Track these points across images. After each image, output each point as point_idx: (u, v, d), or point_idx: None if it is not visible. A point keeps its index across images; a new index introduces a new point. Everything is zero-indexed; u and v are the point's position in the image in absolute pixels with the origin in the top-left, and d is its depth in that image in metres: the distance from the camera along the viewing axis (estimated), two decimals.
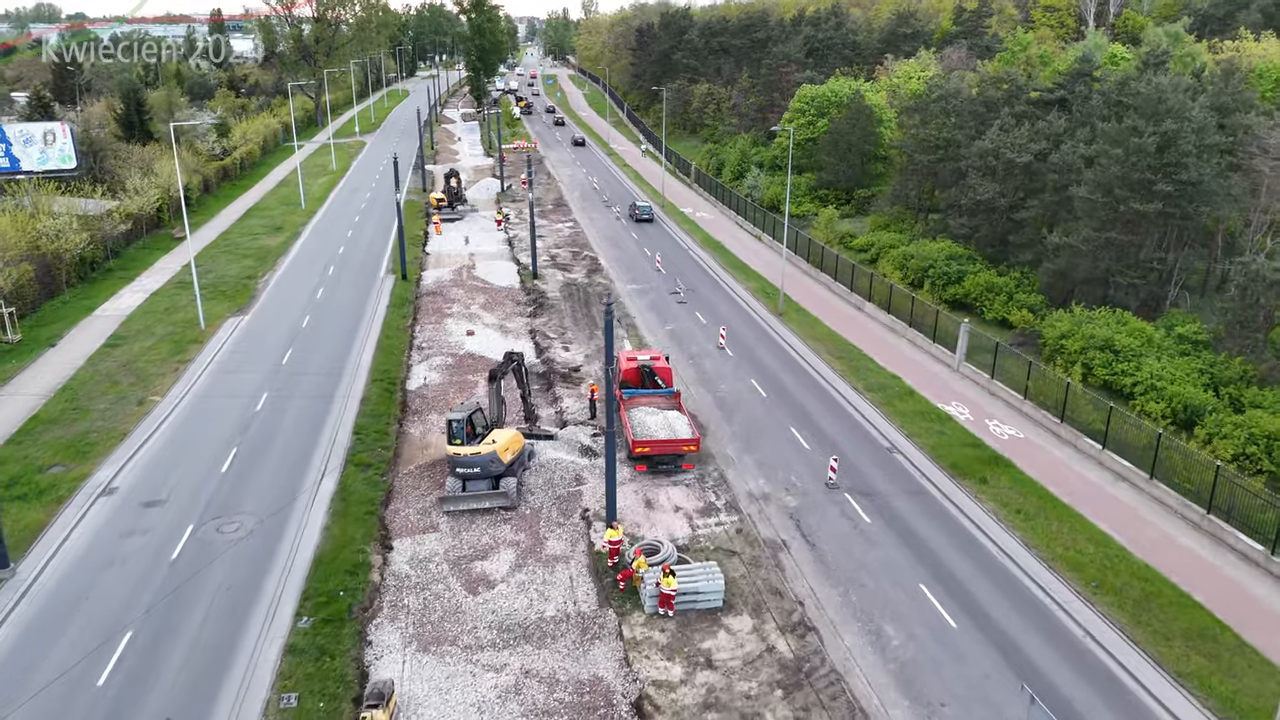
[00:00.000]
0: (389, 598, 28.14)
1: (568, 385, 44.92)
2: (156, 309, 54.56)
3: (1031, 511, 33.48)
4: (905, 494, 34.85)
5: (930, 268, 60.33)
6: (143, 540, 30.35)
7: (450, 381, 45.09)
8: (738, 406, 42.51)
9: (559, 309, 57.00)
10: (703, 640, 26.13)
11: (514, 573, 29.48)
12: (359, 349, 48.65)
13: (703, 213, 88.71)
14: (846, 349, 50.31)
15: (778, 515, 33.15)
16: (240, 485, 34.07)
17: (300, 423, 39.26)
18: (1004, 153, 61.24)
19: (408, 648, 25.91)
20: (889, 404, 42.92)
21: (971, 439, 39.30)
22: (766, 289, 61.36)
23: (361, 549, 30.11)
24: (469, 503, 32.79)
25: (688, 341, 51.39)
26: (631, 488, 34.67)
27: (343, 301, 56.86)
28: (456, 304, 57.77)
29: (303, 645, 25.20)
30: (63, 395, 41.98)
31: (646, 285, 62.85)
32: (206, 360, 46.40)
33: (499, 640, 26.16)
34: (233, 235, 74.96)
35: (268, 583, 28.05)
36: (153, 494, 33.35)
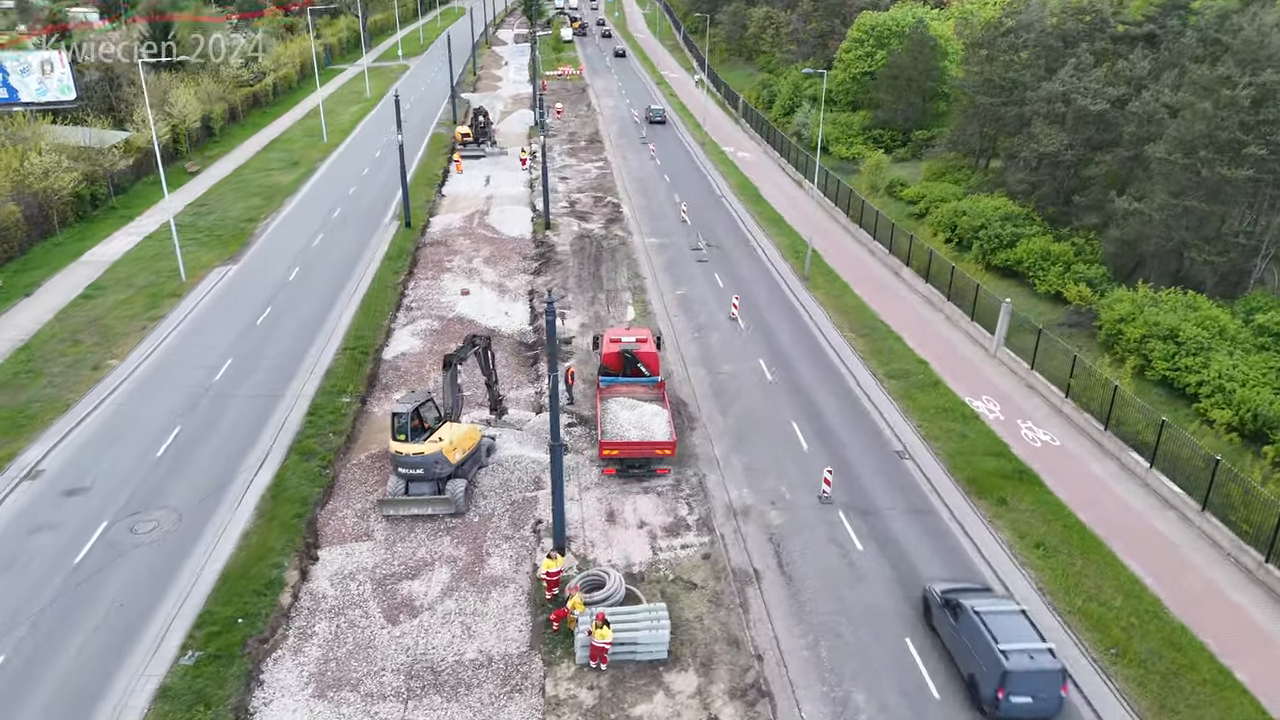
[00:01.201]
0: (299, 623, 25.12)
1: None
2: (145, 255, 52.08)
3: (1054, 545, 28.73)
4: (909, 514, 30.36)
5: (981, 228, 54.10)
6: (50, 538, 27.86)
7: (431, 350, 41.55)
8: (738, 394, 38.11)
9: (566, 266, 52.73)
10: (635, 704, 22.51)
11: (443, 598, 26.16)
12: (340, 309, 45.38)
13: (745, 153, 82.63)
14: (873, 325, 45.15)
15: (756, 536, 29.07)
16: (172, 473, 31.35)
17: (254, 398, 36.30)
18: (1075, 98, 54.08)
19: (304, 690, 22.91)
20: (909, 396, 37.99)
21: (997, 445, 34.33)
22: (798, 247, 56.03)
23: (278, 562, 27.09)
24: (410, 507, 29.48)
25: (698, 310, 46.80)
26: (595, 495, 30.90)
27: (338, 251, 53.55)
28: (459, 256, 53.96)
29: (179, 689, 22.37)
30: (20, 355, 39.78)
31: (667, 239, 58.01)
32: (179, 318, 43.73)
33: (405, 688, 22.96)
34: (247, 171, 72.04)
35: (164, 602, 25.26)
36: (77, 480, 30.85)
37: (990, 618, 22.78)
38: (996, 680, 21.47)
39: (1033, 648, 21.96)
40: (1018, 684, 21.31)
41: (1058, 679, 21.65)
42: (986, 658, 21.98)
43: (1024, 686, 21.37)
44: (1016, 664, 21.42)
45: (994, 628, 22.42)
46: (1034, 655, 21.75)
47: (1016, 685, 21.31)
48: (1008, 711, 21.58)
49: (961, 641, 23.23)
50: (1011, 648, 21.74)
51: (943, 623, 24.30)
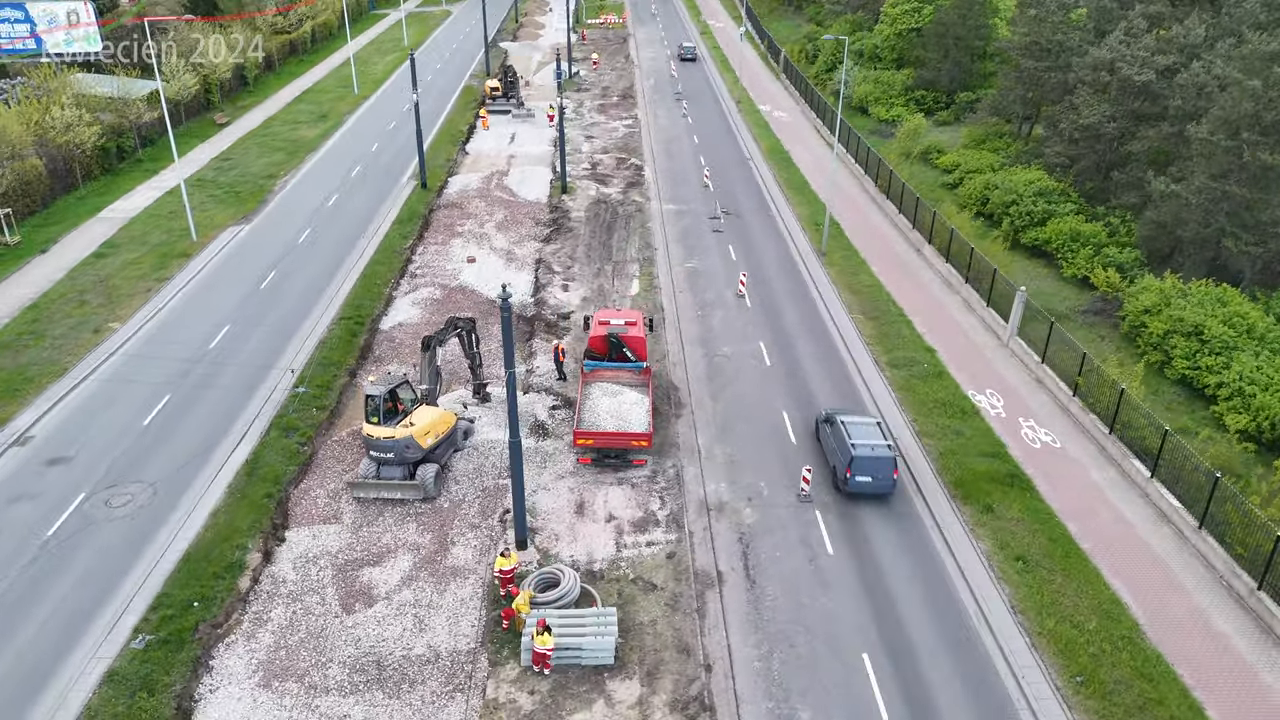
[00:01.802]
0: (256, 608, 25.31)
1: (550, 336, 40.36)
2: (162, 212, 52.48)
3: (1035, 559, 27.57)
4: (889, 516, 29.39)
5: (1013, 203, 51.62)
6: (28, 508, 28.44)
7: (428, 321, 41.24)
8: (732, 379, 37.18)
9: (577, 234, 51.81)
10: (573, 712, 22.25)
11: (401, 588, 26.11)
12: (344, 274, 45.27)
13: (781, 112, 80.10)
14: (884, 307, 43.58)
15: (726, 535, 28.42)
16: (155, 444, 31.71)
17: (245, 368, 36.46)
18: (1121, 66, 50.82)
19: (250, 679, 23.12)
20: (909, 388, 36.66)
21: (994, 445, 32.98)
22: (819, 218, 54.19)
23: (242, 544, 27.28)
24: (380, 491, 29.40)
25: (705, 286, 45.65)
26: (568, 484, 30.47)
27: (351, 213, 53.31)
28: (471, 220, 53.35)
29: (126, 673, 22.72)
30: (27, 315, 40.49)
31: (686, 206, 56.61)
32: (185, 280, 44.05)
33: (350, 681, 23.03)
34: (274, 123, 71.99)
35: (125, 582, 25.64)
36: (63, 448, 31.40)
37: (850, 425, 30.23)
38: (846, 464, 28.94)
39: (875, 443, 29.43)
40: (860, 467, 28.95)
41: (890, 464, 29.09)
42: (843, 450, 29.42)
43: (865, 469, 28.98)
44: (861, 453, 28.95)
45: (851, 431, 29.86)
46: (874, 448, 29.20)
47: (860, 468, 28.96)
48: (855, 488, 29.32)
49: (830, 443, 30.71)
50: (859, 443, 29.25)
51: (823, 432, 31.83)
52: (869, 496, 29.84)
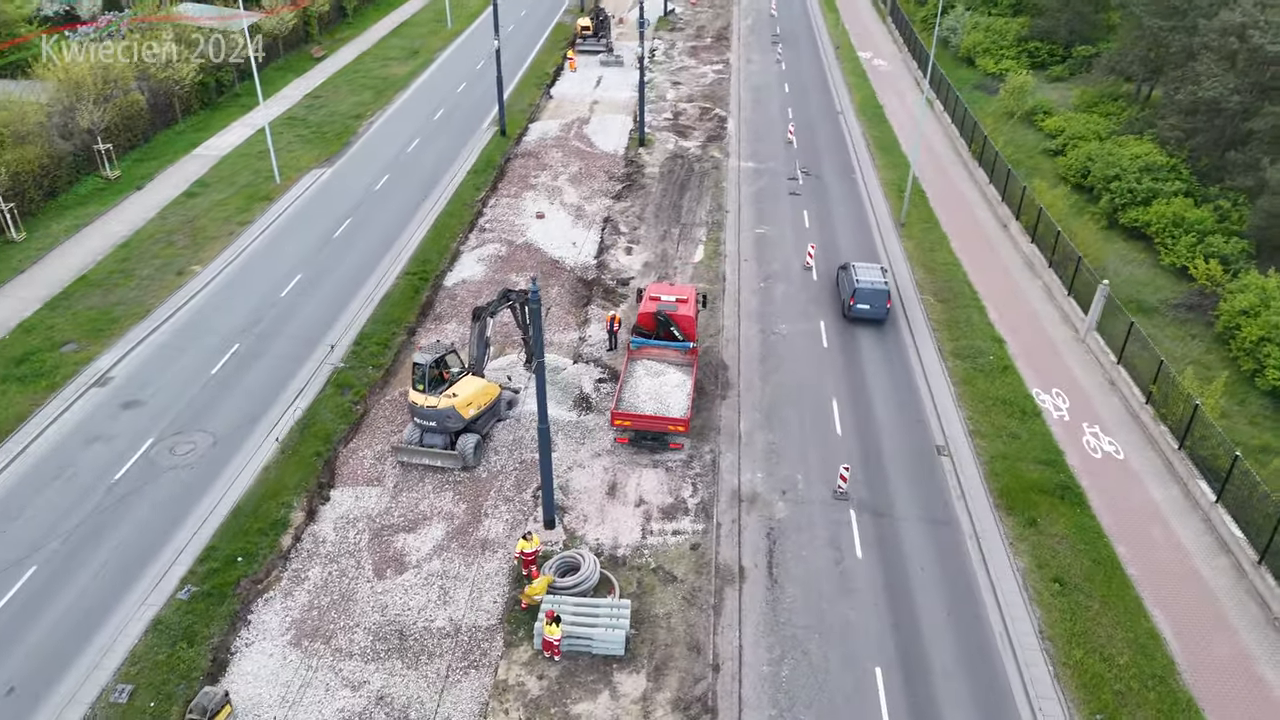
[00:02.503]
0: (295, 565, 26.68)
1: (607, 303, 40.28)
2: (252, 151, 54.02)
3: (1074, 581, 26.57)
4: (925, 523, 28.69)
5: (1115, 178, 48.39)
6: (101, 450, 30.43)
7: (491, 279, 41.68)
8: (785, 359, 36.51)
9: (649, 192, 51.12)
10: (578, 701, 22.86)
11: (432, 557, 27.05)
12: (415, 226, 45.99)
13: (881, 60, 76.43)
14: (958, 289, 41.79)
15: (754, 529, 28.30)
16: (219, 394, 33.31)
17: (310, 322, 37.70)
18: (1253, 34, 46.39)
19: (283, 635, 24.52)
20: (970, 381, 35.31)
21: (1050, 453, 31.61)
22: (904, 184, 51.95)
23: (289, 501, 28.64)
24: (421, 457, 30.27)
25: (772, 255, 44.61)
26: (603, 463, 30.73)
27: (430, 160, 53.81)
28: (546, 172, 53.19)
29: (170, 622, 24.38)
30: (119, 253, 42.63)
31: (765, 164, 55.07)
32: (264, 226, 45.50)
33: (372, 649, 24.16)
34: (366, 59, 72.73)
35: (178, 532, 27.30)
36: (137, 392, 33.30)
37: (858, 267, 39.08)
38: (850, 295, 37.91)
39: (875, 280, 38.17)
40: (861, 296, 37.83)
41: (884, 296, 37.74)
42: (849, 285, 38.30)
43: (865, 299, 37.82)
44: (863, 286, 37.78)
45: (858, 271, 38.68)
46: (874, 284, 37.98)
47: (860, 297, 37.85)
48: (856, 314, 38.25)
49: (843, 282, 39.63)
50: (862, 279, 38.12)
51: (839, 276, 40.73)
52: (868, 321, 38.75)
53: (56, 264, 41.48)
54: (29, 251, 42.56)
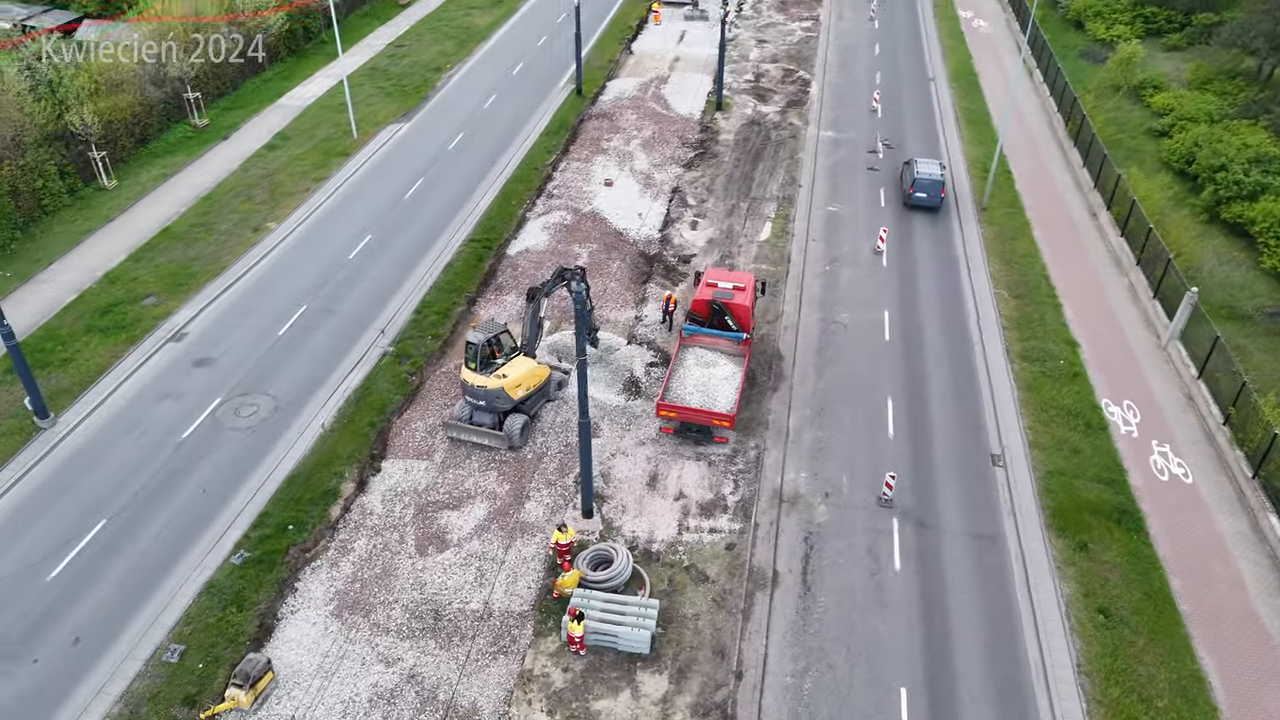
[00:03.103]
0: (343, 536, 27.70)
1: (666, 282, 39.94)
2: (332, 103, 54.73)
3: (1120, 614, 25.72)
4: (970, 538, 28.04)
5: (1220, 169, 45.32)
6: (172, 408, 31.89)
7: (554, 250, 41.73)
8: (844, 351, 35.75)
9: (721, 161, 50.09)
10: (600, 698, 23.35)
11: (473, 537, 27.74)
12: (484, 189, 46.19)
13: (982, 21, 72.59)
14: (1035, 284, 40.04)
15: (792, 532, 28.12)
16: (284, 357, 34.42)
17: (376, 286, 38.45)
18: None
19: (327, 605, 25.62)
20: (1036, 387, 34.02)
21: (1112, 471, 30.39)
22: (990, 163, 49.70)
23: (340, 471, 29.62)
24: (470, 435, 30.85)
25: (841, 236, 43.40)
26: (646, 453, 30.82)
27: (504, 118, 53.70)
28: (619, 136, 52.53)
29: (222, 586, 25.69)
30: (202, 205, 44.03)
31: (845, 134, 53.28)
32: (338, 183, 46.27)
33: (408, 626, 25.06)
34: (450, 7, 72.45)
35: (236, 496, 28.57)
36: (209, 350, 34.64)
37: (919, 162, 45.32)
38: (910, 184, 44.32)
39: (932, 173, 44.30)
40: (919, 186, 44.18)
41: (939, 186, 44.14)
42: (910, 176, 44.55)
43: (923, 188, 44.20)
44: (921, 177, 44.12)
45: (918, 166, 44.88)
46: (931, 175, 44.13)
47: (919, 187, 44.19)
48: (914, 201, 44.56)
49: (906, 174, 45.70)
50: (921, 171, 44.41)
51: (903, 170, 46.69)
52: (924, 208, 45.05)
53: (143, 214, 43.10)
54: (119, 200, 44.30)
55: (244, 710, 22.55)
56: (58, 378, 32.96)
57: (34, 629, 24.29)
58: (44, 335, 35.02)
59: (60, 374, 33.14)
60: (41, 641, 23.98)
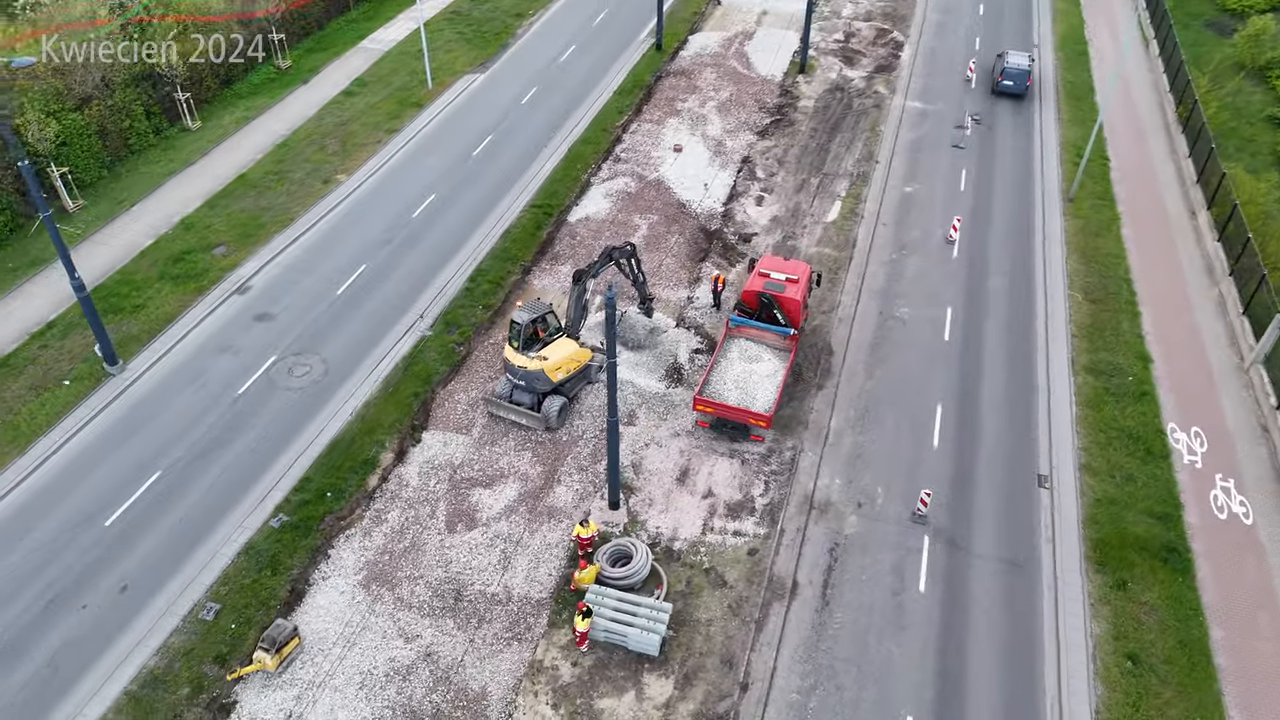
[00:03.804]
0: (378, 506, 28.61)
1: (723, 260, 39.19)
2: (411, 49, 54.72)
3: (1150, 662, 24.82)
4: (1003, 564, 27.28)
5: None
6: (231, 362, 33.14)
7: (614, 220, 41.34)
8: (898, 349, 34.70)
9: (797, 130, 48.42)
10: (603, 696, 23.84)
11: (501, 518, 28.31)
12: (551, 150, 45.84)
13: None
14: (1114, 288, 37.92)
15: (818, 542, 27.83)
16: (340, 317, 35.24)
17: (433, 253, 38.82)
18: None
19: (356, 574, 26.65)
20: (1097, 404, 32.50)
21: (1167, 505, 29.01)
22: (1086, 147, 46.81)
23: (381, 440, 30.44)
24: (509, 413, 31.25)
25: (913, 222, 41.71)
26: (680, 445, 30.72)
27: (580, 73, 52.87)
28: (695, 96, 51.20)
29: (260, 549, 26.92)
30: (278, 152, 44.94)
31: (933, 105, 50.80)
32: (409, 136, 46.52)
33: (430, 604, 25.90)
34: None
35: (281, 458, 29.69)
36: (271, 304, 35.71)
37: (1010, 54, 51.47)
38: (999, 72, 50.67)
39: (1020, 64, 50.41)
40: (1007, 75, 50.40)
41: (1025, 75, 50.16)
42: (1000, 66, 50.95)
43: (1010, 77, 50.42)
44: (1009, 67, 50.34)
45: (1009, 57, 51.16)
46: (1018, 66, 50.24)
47: (1007, 75, 50.44)
48: (1002, 88, 50.80)
49: (995, 66, 52.28)
50: (1010, 62, 50.52)
51: (995, 63, 52.87)
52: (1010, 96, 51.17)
53: (221, 160, 44.26)
54: (201, 142, 45.54)
55: (269, 673, 23.80)
56: (129, 324, 34.53)
57: (87, 574, 26.00)
58: (120, 280, 36.61)
59: (132, 320, 34.69)
60: (92, 587, 25.66)
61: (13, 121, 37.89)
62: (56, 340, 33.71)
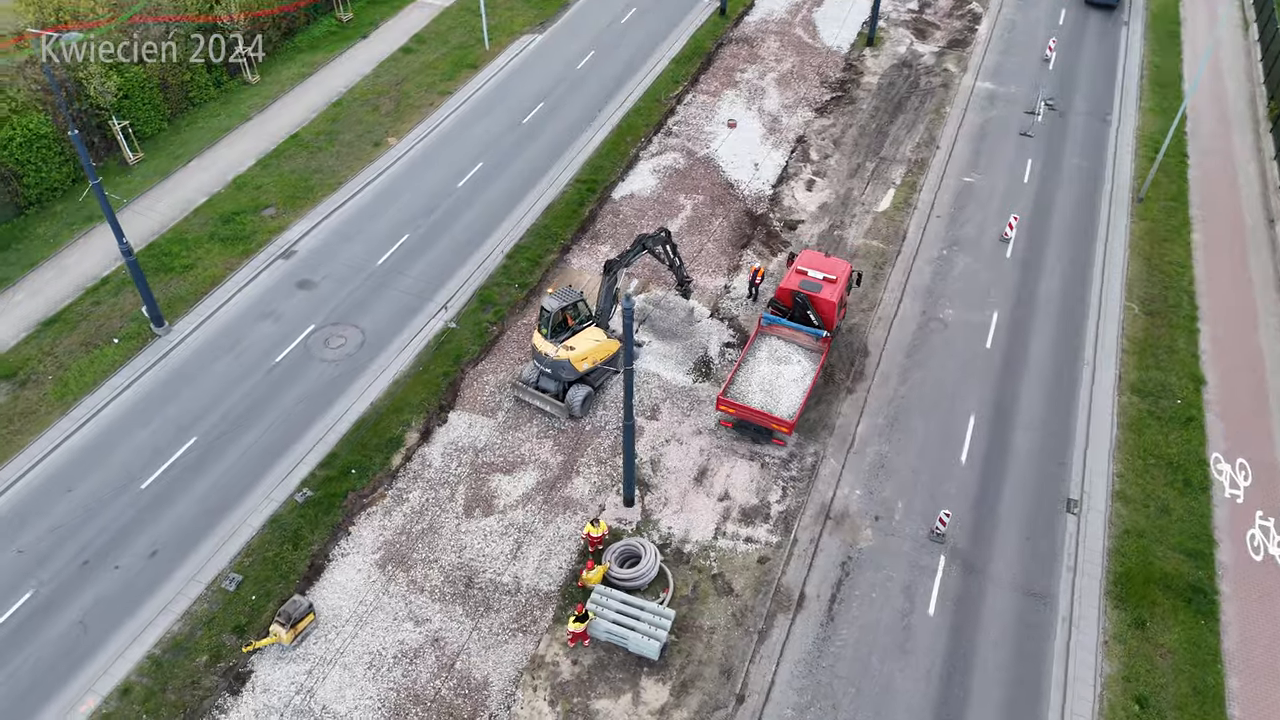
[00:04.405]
0: (400, 484, 29.26)
1: (765, 248, 38.43)
2: (471, 5, 54.04)
3: (1159, 707, 24.27)
4: (1018, 592, 26.79)
5: None
6: (270, 330, 33.92)
7: (659, 199, 40.76)
8: (935, 355, 33.83)
9: (858, 108, 46.79)
10: (600, 697, 24.29)
11: (518, 506, 28.74)
12: (602, 120, 45.18)
13: None
14: (1175, 301, 36.23)
15: (831, 553, 27.65)
16: (378, 289, 35.68)
17: (476, 223, 38.88)
18: None
19: (374, 553, 27.44)
20: (1140, 427, 31.34)
21: (1200, 541, 28.03)
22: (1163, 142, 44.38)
23: (408, 420, 30.98)
24: (533, 399, 31.46)
25: (968, 216, 40.24)
26: (700, 444, 30.61)
27: (637, 37, 51.72)
28: (755, 66, 49.77)
29: (285, 522, 27.83)
30: (331, 111, 45.19)
31: (1006, 87, 48.56)
32: (463, 99, 46.28)
33: (441, 589, 26.57)
34: None
35: (310, 431, 30.45)
36: (315, 270, 36.31)
37: None
38: None
39: None
40: None
41: None
42: None
43: None
44: None
45: None
46: None
47: None
48: None
49: None
50: None
51: None
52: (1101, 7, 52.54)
53: (277, 117, 44.72)
54: (258, 98, 46.03)
55: (284, 646, 24.81)
56: (178, 284, 35.52)
57: (121, 535, 27.27)
58: (173, 238, 37.57)
59: (180, 280, 35.67)
60: (125, 549, 26.93)
61: (76, 74, 38.76)
62: (109, 296, 34.87)
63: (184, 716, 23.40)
